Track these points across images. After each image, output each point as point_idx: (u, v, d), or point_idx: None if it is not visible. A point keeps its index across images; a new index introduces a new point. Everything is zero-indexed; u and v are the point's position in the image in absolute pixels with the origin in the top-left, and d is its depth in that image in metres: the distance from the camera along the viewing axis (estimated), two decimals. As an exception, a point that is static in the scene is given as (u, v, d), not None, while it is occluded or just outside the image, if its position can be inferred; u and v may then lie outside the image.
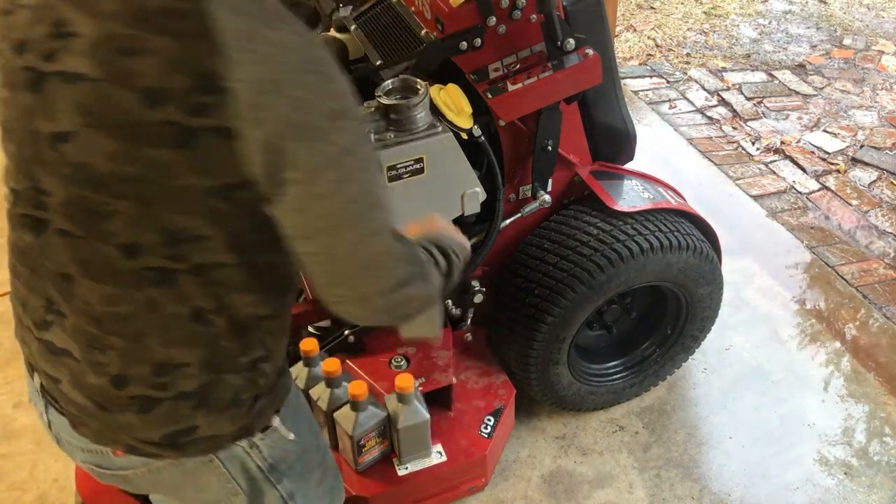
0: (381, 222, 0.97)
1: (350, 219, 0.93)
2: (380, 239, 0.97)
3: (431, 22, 1.74)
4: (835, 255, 2.92)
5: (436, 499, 2.06)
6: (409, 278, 1.01)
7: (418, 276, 1.04)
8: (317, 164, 0.89)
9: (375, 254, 0.96)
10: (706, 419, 2.35)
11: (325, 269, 0.96)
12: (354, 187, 0.92)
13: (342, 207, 0.92)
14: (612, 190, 2.03)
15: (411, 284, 1.02)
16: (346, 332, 1.99)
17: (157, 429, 1.07)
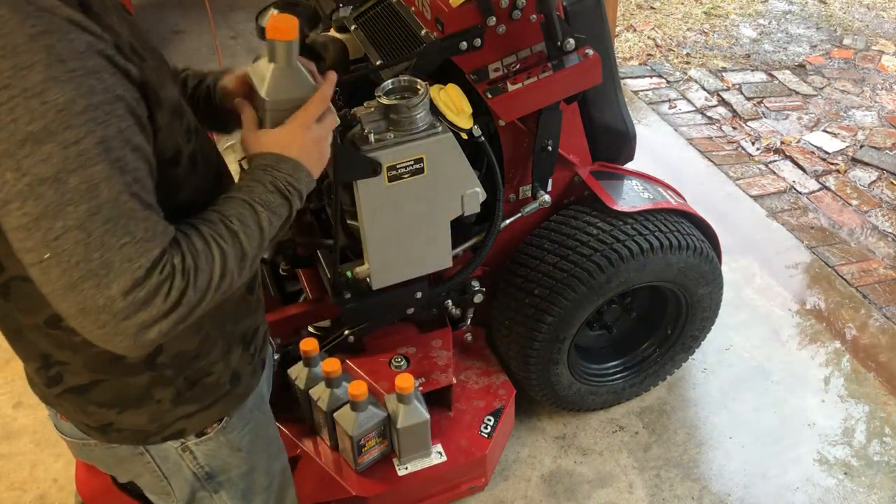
0: (104, 260, 0.84)
1: (58, 260, 0.82)
2: (99, 281, 0.84)
3: (431, 22, 1.74)
4: (835, 255, 2.92)
5: (436, 499, 2.06)
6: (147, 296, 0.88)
7: (164, 286, 0.89)
8: (2, 198, 0.81)
9: (91, 297, 0.85)
10: (706, 419, 2.35)
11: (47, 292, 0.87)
12: (58, 223, 0.81)
13: (44, 245, 0.82)
14: (612, 190, 2.03)
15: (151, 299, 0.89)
16: (346, 332, 1.99)
17: (74, 414, 1.13)
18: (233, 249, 0.97)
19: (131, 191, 0.85)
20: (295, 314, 1.99)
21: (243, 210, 1.01)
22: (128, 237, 0.85)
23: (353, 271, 1.81)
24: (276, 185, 1.05)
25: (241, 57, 4.14)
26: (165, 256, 0.89)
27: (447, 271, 1.92)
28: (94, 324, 0.86)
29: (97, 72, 0.82)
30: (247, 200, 1.02)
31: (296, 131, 1.10)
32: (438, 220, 1.73)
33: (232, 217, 0.99)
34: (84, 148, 0.81)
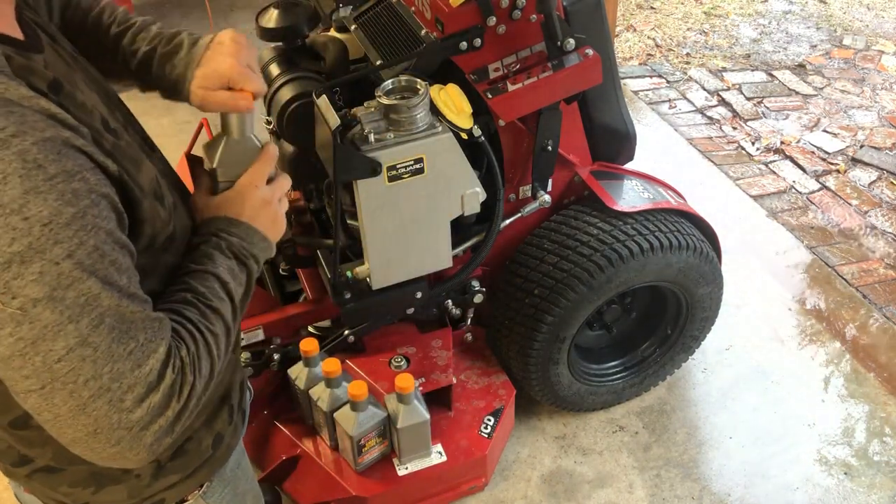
0: (114, 373, 0.78)
1: (63, 382, 0.76)
2: (112, 396, 0.78)
3: (431, 22, 1.74)
4: (835, 255, 2.92)
5: (436, 499, 2.06)
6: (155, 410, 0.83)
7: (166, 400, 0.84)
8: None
9: (104, 415, 0.79)
10: (706, 419, 2.35)
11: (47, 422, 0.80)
12: (58, 344, 0.74)
13: (46, 369, 0.75)
14: (612, 190, 2.03)
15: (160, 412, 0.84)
16: (346, 332, 1.99)
17: (44, 492, 1.06)
18: (218, 328, 0.93)
19: (128, 292, 0.80)
20: (295, 314, 1.99)
21: (212, 284, 0.96)
22: (133, 342, 0.79)
23: (353, 271, 1.81)
24: (231, 250, 1.00)
25: (241, 57, 4.13)
26: (172, 352, 0.84)
27: (447, 271, 1.92)
28: (106, 444, 0.80)
29: (79, 172, 0.75)
30: (211, 272, 0.96)
31: (245, 193, 1.06)
32: (438, 220, 1.73)
33: (207, 295, 0.94)
34: (78, 260, 0.74)
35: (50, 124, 0.74)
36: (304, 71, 1.86)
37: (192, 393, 0.86)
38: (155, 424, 0.82)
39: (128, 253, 0.81)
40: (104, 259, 0.76)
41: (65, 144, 0.74)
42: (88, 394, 0.77)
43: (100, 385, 0.77)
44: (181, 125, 3.64)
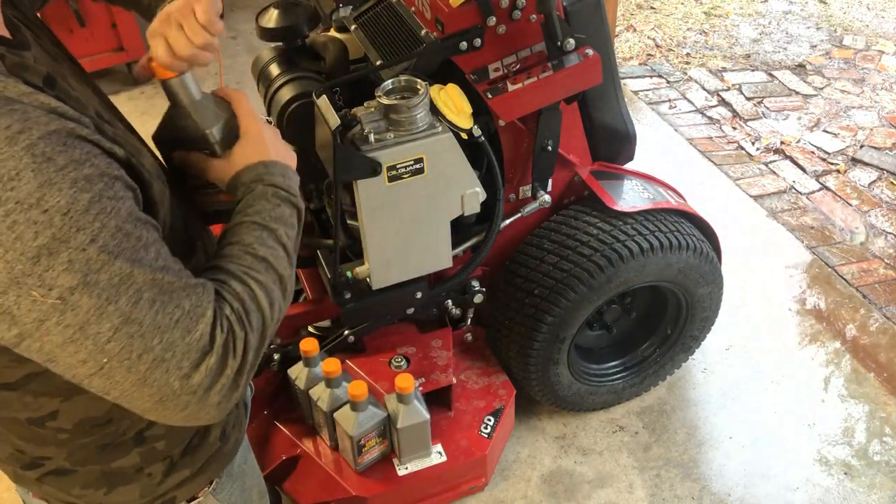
0: (165, 343, 0.80)
1: (119, 360, 0.78)
2: (168, 365, 0.81)
3: (431, 22, 1.74)
4: (835, 255, 2.92)
5: (436, 499, 2.06)
6: (212, 369, 0.84)
7: (224, 357, 0.85)
8: (38, 318, 0.74)
9: (166, 384, 0.82)
10: (706, 419, 2.35)
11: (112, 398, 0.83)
12: (105, 325, 0.76)
13: (99, 351, 0.77)
14: (612, 190, 2.03)
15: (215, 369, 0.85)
16: (346, 332, 1.99)
17: (56, 495, 1.05)
18: (268, 277, 0.93)
19: (160, 264, 0.81)
20: (295, 314, 1.99)
21: (261, 233, 0.96)
22: (178, 310, 0.81)
23: (353, 271, 1.81)
24: (277, 195, 1.00)
25: (242, 57, 4.14)
26: (217, 313, 0.85)
27: (447, 271, 1.92)
28: (175, 409, 0.83)
29: (88, 159, 0.76)
30: (258, 223, 0.96)
31: (258, 133, 1.05)
32: (438, 220, 1.73)
33: (254, 244, 0.95)
34: (103, 243, 0.75)
35: (52, 118, 0.75)
36: (304, 71, 1.86)
37: (247, 347, 0.87)
38: (217, 384, 0.84)
39: (152, 227, 0.82)
40: (129, 238, 0.78)
41: (70, 135, 0.75)
42: (145, 367, 0.79)
43: (154, 357, 0.79)
44: (181, 125, 3.64)
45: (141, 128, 1.07)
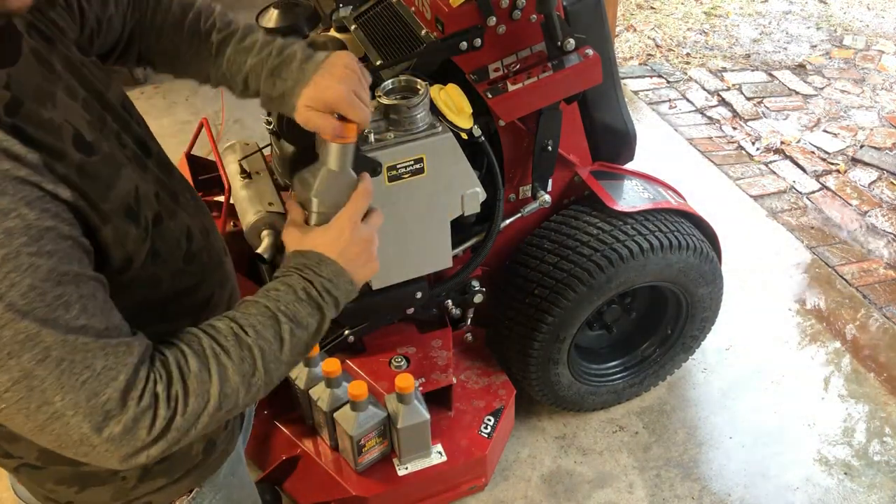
0: (67, 402, 0.77)
1: (17, 408, 0.76)
2: (68, 421, 0.78)
3: (431, 22, 1.74)
4: (835, 255, 2.92)
5: (436, 499, 2.06)
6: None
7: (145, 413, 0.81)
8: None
9: (64, 435, 0.79)
10: (706, 419, 2.35)
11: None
12: (3, 377, 0.75)
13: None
14: (612, 190, 2.03)
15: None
16: (346, 332, 1.99)
17: (31, 486, 1.06)
18: (239, 366, 0.88)
19: (79, 324, 0.77)
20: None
21: (264, 320, 0.90)
22: (88, 371, 0.77)
23: (353, 271, 1.81)
24: (308, 291, 0.94)
25: (241, 57, 4.13)
26: (141, 383, 0.80)
27: (447, 271, 1.92)
28: (77, 454, 0.81)
29: (15, 209, 0.72)
30: (270, 308, 0.91)
31: (343, 228, 1.00)
32: (438, 220, 1.73)
33: (246, 327, 0.89)
34: (10, 301, 0.72)
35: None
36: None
37: (168, 428, 0.83)
38: (119, 450, 0.81)
39: (84, 280, 0.79)
40: (44, 297, 0.74)
41: (3, 178, 0.72)
42: (43, 418, 0.77)
43: (53, 411, 0.77)
44: (181, 125, 3.64)
45: None
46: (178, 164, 2.41)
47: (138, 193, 0.91)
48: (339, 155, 1.05)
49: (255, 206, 1.99)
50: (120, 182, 0.88)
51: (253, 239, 1.97)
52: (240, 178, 2.10)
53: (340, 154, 1.05)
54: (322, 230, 1.01)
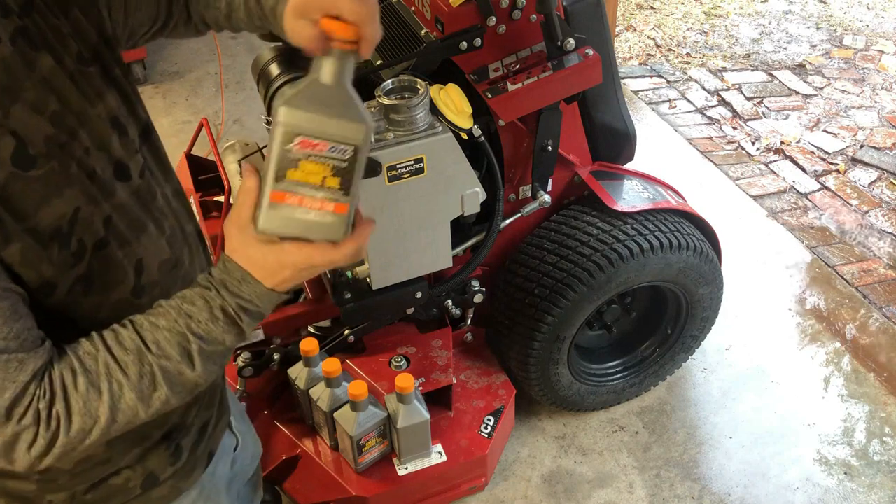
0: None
1: None
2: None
3: (431, 22, 1.74)
4: (835, 255, 2.92)
5: (436, 499, 2.06)
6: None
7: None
8: None
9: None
10: (706, 419, 2.35)
11: None
12: None
13: None
14: (613, 190, 2.03)
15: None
16: (346, 332, 1.99)
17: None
18: (136, 383, 0.84)
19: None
20: (295, 314, 1.99)
21: (171, 336, 0.85)
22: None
23: (353, 271, 1.81)
24: (224, 310, 0.86)
25: (242, 57, 4.13)
26: (27, 399, 0.79)
27: (447, 271, 1.92)
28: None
29: None
30: (180, 325, 0.85)
31: (288, 263, 0.86)
32: (438, 220, 1.73)
33: (150, 343, 0.85)
34: None
35: None
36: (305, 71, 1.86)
37: (52, 446, 0.81)
38: (5, 459, 0.80)
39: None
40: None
41: None
42: None
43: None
44: (181, 125, 3.64)
45: None
46: (177, 165, 2.42)
47: (76, 216, 0.85)
48: (331, 67, 0.82)
49: (255, 206, 1.99)
50: (55, 202, 0.83)
51: (253, 239, 1.97)
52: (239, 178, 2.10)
53: (332, 66, 0.82)
54: (262, 253, 0.85)
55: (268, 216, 0.82)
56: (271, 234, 0.83)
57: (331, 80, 0.81)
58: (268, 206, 0.81)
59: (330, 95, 0.80)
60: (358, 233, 0.87)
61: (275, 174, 0.80)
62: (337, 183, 0.81)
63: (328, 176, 0.81)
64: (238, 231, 0.85)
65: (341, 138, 0.80)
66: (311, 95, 0.80)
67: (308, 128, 0.78)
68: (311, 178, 0.80)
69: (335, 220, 0.82)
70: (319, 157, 0.80)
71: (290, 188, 0.80)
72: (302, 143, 0.79)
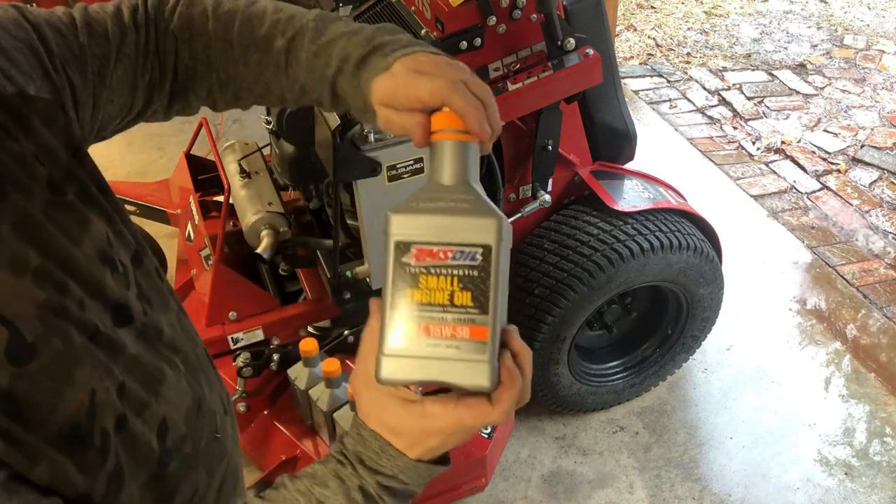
0: None
1: None
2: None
3: (431, 22, 1.74)
4: (835, 255, 2.92)
5: (436, 499, 2.06)
6: None
7: None
8: None
9: None
10: (706, 419, 2.35)
11: None
12: None
13: None
14: (613, 190, 2.03)
15: None
16: (346, 332, 1.99)
17: None
18: None
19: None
20: (295, 314, 1.99)
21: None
22: None
23: (353, 271, 1.81)
24: (364, 489, 0.69)
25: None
26: None
27: (447, 271, 1.92)
28: None
29: None
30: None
31: (452, 429, 0.67)
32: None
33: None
34: None
35: None
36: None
37: None
38: None
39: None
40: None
41: None
42: None
43: None
44: (181, 125, 3.64)
45: (140, 127, 0.99)
46: (177, 165, 2.42)
47: (94, 402, 0.66)
48: (452, 158, 0.68)
49: (254, 206, 1.99)
50: (68, 394, 0.64)
51: (252, 239, 1.97)
52: (239, 178, 2.10)
53: (453, 157, 0.68)
54: (399, 410, 0.67)
55: (389, 360, 0.64)
56: (396, 383, 0.66)
57: (451, 178, 0.67)
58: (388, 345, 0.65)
59: (449, 194, 0.67)
60: (509, 376, 0.69)
61: (391, 300, 0.65)
62: (468, 298, 0.64)
63: (456, 290, 0.64)
64: (366, 389, 0.69)
65: (465, 239, 0.64)
66: (426, 198, 0.66)
67: (424, 233, 0.64)
68: (435, 297, 0.64)
69: (475, 349, 0.65)
70: (442, 268, 0.64)
71: (411, 315, 0.64)
72: (419, 253, 0.64)
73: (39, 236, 0.67)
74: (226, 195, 1.97)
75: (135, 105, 0.85)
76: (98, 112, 0.81)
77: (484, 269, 0.64)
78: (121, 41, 0.80)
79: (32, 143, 0.69)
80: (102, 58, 0.79)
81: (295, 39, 0.81)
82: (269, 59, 0.82)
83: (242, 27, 0.83)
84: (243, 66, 0.83)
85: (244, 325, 1.92)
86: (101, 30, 0.79)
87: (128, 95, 0.83)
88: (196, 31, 0.83)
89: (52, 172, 0.70)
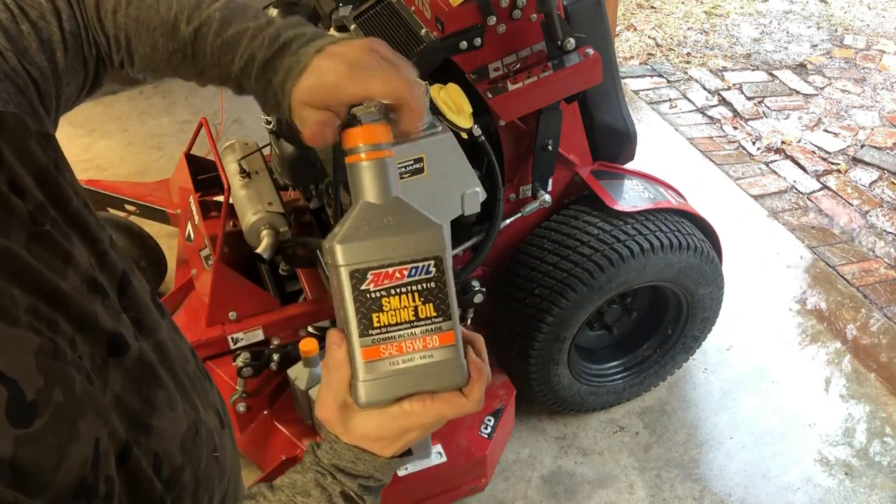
0: None
1: None
2: None
3: (431, 21, 1.74)
4: (835, 255, 2.92)
5: (436, 499, 2.06)
6: None
7: None
8: None
9: None
10: (707, 419, 2.34)
11: None
12: None
13: None
14: (613, 190, 2.03)
15: None
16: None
17: None
18: None
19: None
20: (295, 314, 1.99)
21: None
22: None
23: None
24: (346, 493, 0.71)
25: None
26: None
27: (447, 271, 1.91)
28: None
29: None
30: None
31: (412, 426, 0.70)
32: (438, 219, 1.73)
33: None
34: None
35: None
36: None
37: None
38: None
39: None
40: None
41: None
42: None
43: None
44: (181, 124, 3.64)
45: (140, 127, 1.00)
46: (177, 165, 2.42)
47: (98, 450, 0.62)
48: (379, 177, 0.71)
49: (254, 206, 1.99)
50: (73, 450, 0.59)
51: (252, 239, 1.97)
52: (239, 178, 2.10)
53: (380, 175, 0.71)
54: (377, 418, 0.70)
55: (368, 384, 0.67)
56: (378, 405, 0.68)
57: (381, 197, 0.71)
58: (364, 371, 0.67)
59: (384, 213, 0.70)
60: (476, 369, 0.74)
61: (358, 328, 0.66)
62: (431, 309, 0.67)
63: (419, 305, 0.67)
64: (339, 415, 0.70)
65: (417, 254, 0.68)
66: (364, 222, 0.68)
67: (376, 257, 0.66)
68: (402, 316, 0.67)
69: (446, 354, 0.69)
70: (402, 287, 0.67)
71: (382, 338, 0.67)
72: (376, 278, 0.66)
73: (25, 274, 0.61)
74: (226, 195, 1.97)
75: (87, 77, 0.82)
76: (60, 99, 0.78)
77: (439, 279, 0.68)
78: (59, 19, 0.77)
79: (3, 174, 0.63)
80: (49, 42, 0.76)
81: (201, 30, 0.78)
82: (176, 46, 0.80)
83: (149, 8, 0.79)
84: (151, 48, 0.80)
85: (244, 325, 1.92)
86: (38, 13, 0.76)
87: (80, 69, 0.81)
88: (116, 4, 0.80)
89: (28, 199, 0.65)
